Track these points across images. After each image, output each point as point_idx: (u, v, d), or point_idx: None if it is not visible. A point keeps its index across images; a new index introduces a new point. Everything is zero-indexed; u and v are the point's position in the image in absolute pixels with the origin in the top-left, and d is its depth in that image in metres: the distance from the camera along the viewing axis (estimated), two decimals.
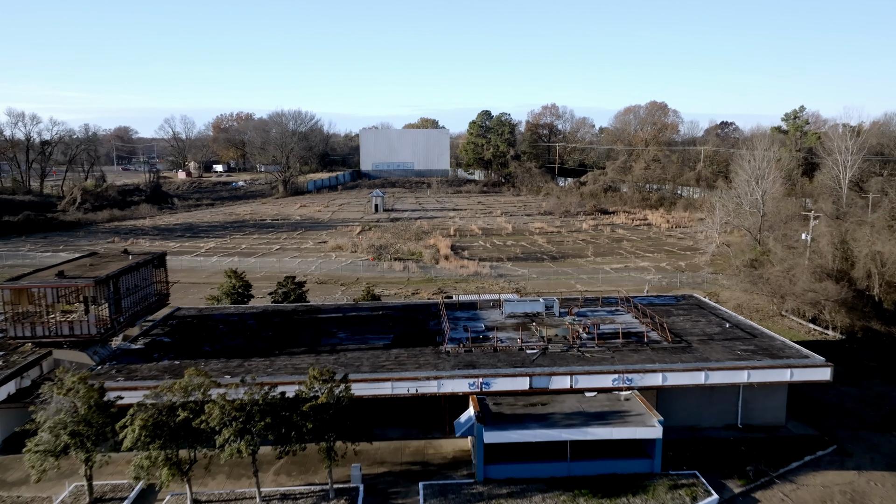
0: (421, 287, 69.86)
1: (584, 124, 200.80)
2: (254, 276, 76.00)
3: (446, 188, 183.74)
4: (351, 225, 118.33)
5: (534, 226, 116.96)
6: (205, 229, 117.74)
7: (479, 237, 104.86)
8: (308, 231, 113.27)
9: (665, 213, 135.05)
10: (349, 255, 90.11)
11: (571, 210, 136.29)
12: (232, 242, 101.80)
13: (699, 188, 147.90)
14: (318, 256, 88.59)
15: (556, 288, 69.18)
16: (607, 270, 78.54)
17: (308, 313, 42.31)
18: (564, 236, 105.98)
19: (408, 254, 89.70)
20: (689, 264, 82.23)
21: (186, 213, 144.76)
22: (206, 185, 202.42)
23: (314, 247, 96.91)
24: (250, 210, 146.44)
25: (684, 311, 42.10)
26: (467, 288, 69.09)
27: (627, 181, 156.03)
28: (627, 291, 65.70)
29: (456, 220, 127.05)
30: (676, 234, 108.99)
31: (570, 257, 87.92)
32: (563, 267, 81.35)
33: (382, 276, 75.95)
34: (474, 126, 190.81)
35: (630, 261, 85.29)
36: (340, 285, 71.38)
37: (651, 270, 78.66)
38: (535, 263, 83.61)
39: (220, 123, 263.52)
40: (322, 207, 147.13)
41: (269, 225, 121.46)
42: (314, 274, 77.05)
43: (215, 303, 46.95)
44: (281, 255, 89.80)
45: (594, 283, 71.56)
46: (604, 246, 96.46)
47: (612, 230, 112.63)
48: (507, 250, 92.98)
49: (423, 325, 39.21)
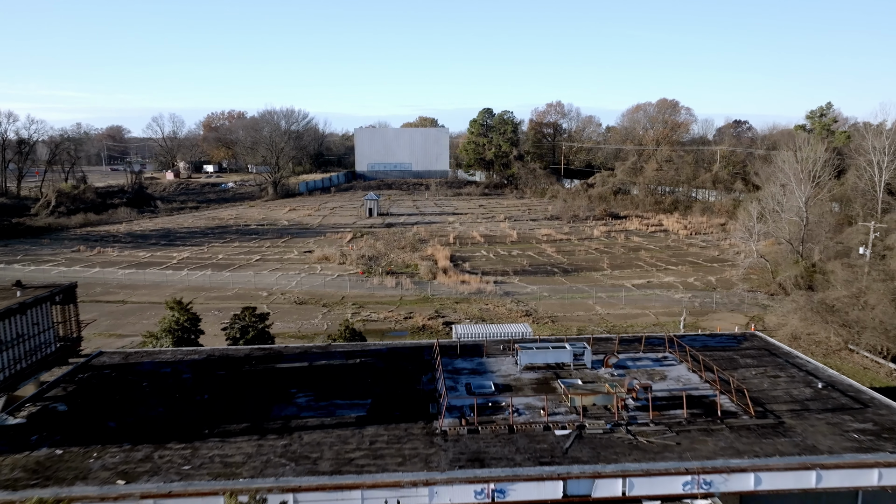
0: (415, 308, 60.19)
1: (591, 123, 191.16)
2: (224, 293, 66.39)
3: (445, 190, 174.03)
4: (342, 231, 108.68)
5: (540, 232, 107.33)
6: (183, 236, 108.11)
7: (481, 246, 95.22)
8: (294, 238, 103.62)
9: (681, 217, 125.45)
10: (336, 267, 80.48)
11: (580, 214, 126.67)
12: (209, 252, 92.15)
13: (715, 191, 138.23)
14: (302, 269, 78.93)
15: (573, 311, 59.47)
16: (629, 287, 68.86)
17: (264, 361, 32.65)
18: (575, 245, 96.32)
19: (402, 266, 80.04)
20: (721, 280, 72.54)
21: (167, 217, 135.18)
22: (194, 186, 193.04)
23: (298, 257, 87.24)
24: (236, 214, 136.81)
25: (753, 360, 32.43)
26: (469, 310, 59.44)
27: (639, 183, 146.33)
28: (658, 316, 56.08)
29: (456, 225, 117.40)
30: (697, 242, 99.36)
31: (583, 270, 78.26)
32: (577, 282, 71.67)
33: (372, 294, 66.29)
34: (475, 125, 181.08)
35: (652, 275, 75.63)
36: (322, 306, 61.71)
37: (678, 287, 68.99)
38: (545, 278, 73.96)
39: (210, 122, 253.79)
40: (312, 211, 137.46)
41: (253, 231, 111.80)
42: (294, 292, 67.39)
43: (153, 342, 37.29)
44: (260, 268, 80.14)
45: (616, 303, 61.90)
46: (620, 257, 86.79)
47: (626, 237, 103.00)
48: (512, 262, 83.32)
49: (413, 383, 29.58)
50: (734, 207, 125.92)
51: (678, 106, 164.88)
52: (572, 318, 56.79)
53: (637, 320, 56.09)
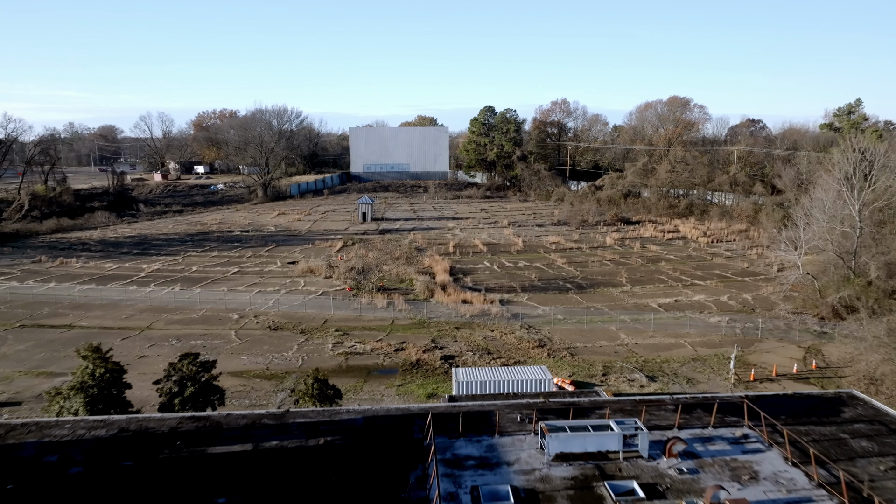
0: (409, 336, 51.32)
1: (598, 122, 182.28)
2: (189, 316, 57.46)
3: (445, 193, 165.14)
4: (332, 239, 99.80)
5: (548, 240, 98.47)
6: (158, 244, 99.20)
7: (483, 256, 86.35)
8: (279, 247, 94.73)
9: (697, 223, 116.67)
10: (322, 282, 71.62)
11: (590, 220, 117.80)
12: (183, 263, 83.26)
13: (733, 194, 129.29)
14: (283, 285, 70.07)
15: (594, 339, 50.58)
16: (655, 308, 60.00)
17: (194, 441, 23.78)
18: (587, 255, 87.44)
19: (396, 281, 71.20)
20: (758, 298, 63.65)
21: (148, 223, 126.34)
22: (182, 188, 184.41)
23: (281, 269, 78.35)
24: (220, 218, 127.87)
25: (868, 440, 23.54)
26: (472, 339, 50.55)
27: (650, 186, 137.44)
28: (696, 347, 47.13)
29: (456, 231, 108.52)
30: (721, 251, 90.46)
31: (599, 286, 69.40)
32: (594, 301, 62.78)
33: (359, 317, 57.38)
34: (476, 123, 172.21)
35: (678, 291, 66.76)
36: (300, 332, 52.80)
37: (712, 308, 60.10)
38: (557, 296, 65.08)
39: (201, 121, 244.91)
40: (302, 216, 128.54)
41: (235, 238, 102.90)
42: (269, 314, 58.49)
43: (60, 403, 28.34)
44: (236, 283, 71.26)
45: (643, 329, 53.00)
46: (639, 269, 77.92)
47: (642, 246, 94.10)
48: (519, 275, 74.46)
49: (396, 484, 20.70)
50: (755, 212, 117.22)
51: (691, 104, 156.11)
52: (594, 350, 47.91)
53: (672, 353, 47.22)
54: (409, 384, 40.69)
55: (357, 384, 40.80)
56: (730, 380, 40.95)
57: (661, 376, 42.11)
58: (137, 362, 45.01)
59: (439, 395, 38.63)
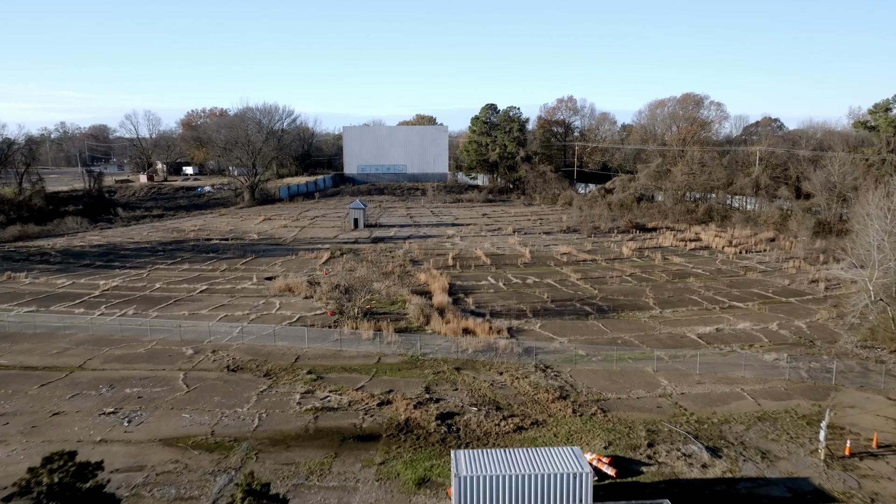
0: (398, 381, 41.44)
1: (606, 120, 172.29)
2: (135, 350, 47.48)
3: (444, 196, 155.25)
4: (318, 249, 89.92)
5: (558, 250, 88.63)
6: (126, 254, 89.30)
7: (487, 270, 76.46)
8: (259, 258, 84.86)
9: (719, 230, 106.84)
10: (301, 303, 61.75)
11: (601, 226, 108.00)
12: (147, 278, 73.39)
13: (756, 198, 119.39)
14: (255, 307, 60.16)
15: (628, 386, 40.62)
16: (694, 340, 50.12)
17: None
18: (604, 268, 77.58)
19: (386, 302, 61.35)
20: (814, 326, 53.71)
21: (122, 229, 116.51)
22: (167, 190, 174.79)
23: (256, 287, 68.48)
24: (200, 224, 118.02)
25: None
26: (476, 385, 40.67)
27: (665, 189, 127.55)
28: (758, 399, 36.93)
29: (455, 240, 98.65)
30: (753, 263, 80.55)
31: (624, 308, 59.52)
32: (620, 330, 52.88)
33: (339, 353, 47.46)
34: (477, 122, 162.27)
35: (716, 316, 56.86)
36: (265, 375, 42.90)
37: (762, 340, 50.17)
38: (575, 322, 55.18)
39: (190, 120, 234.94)
40: (289, 221, 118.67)
41: (212, 248, 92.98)
42: (231, 348, 48.59)
43: None
44: (201, 304, 61.35)
45: (687, 371, 43.10)
46: (665, 287, 68.02)
47: (663, 257, 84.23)
48: (529, 295, 64.59)
49: None
50: (783, 219, 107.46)
51: (708, 101, 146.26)
52: (631, 403, 37.97)
53: (730, 408, 37.31)
54: (393, 461, 30.80)
55: (325, 460, 30.92)
56: (819, 455, 31.08)
57: (724, 448, 32.22)
58: (46, 424, 35.15)
59: (433, 479, 28.79)
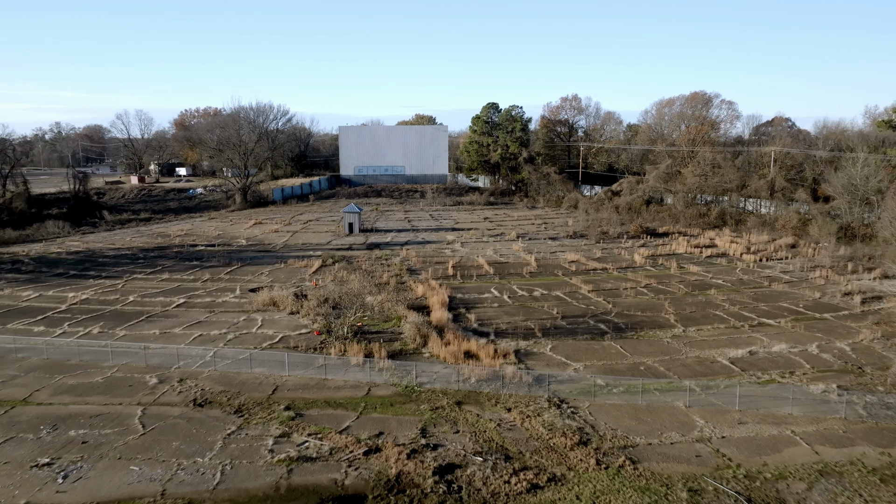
0: (388, 421, 35.61)
1: (611, 120, 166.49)
2: (91, 379, 41.35)
3: (444, 198, 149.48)
4: (309, 256, 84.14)
5: (566, 258, 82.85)
6: (104, 262, 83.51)
7: (490, 280, 70.64)
8: (246, 266, 79.09)
9: (734, 235, 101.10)
10: (285, 319, 55.93)
11: (610, 231, 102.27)
12: (122, 289, 67.62)
13: (772, 201, 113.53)
14: (234, 325, 54.33)
15: (658, 427, 34.72)
16: (728, 365, 44.27)
17: None
18: (616, 278, 71.78)
19: (380, 319, 55.54)
20: (858, 348, 47.86)
21: (105, 234, 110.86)
22: (158, 192, 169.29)
23: (238, 301, 62.64)
24: (188, 229, 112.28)
25: None
26: (480, 426, 34.83)
27: (676, 191, 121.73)
28: (812, 443, 30.85)
29: (456, 246, 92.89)
30: (776, 273, 74.72)
31: (643, 326, 53.67)
32: (641, 353, 47.04)
33: (323, 383, 41.61)
34: (478, 122, 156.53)
35: (747, 336, 51.02)
36: (236, 413, 37.05)
37: (803, 366, 44.32)
38: (590, 343, 49.34)
39: (183, 120, 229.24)
40: (281, 226, 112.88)
41: (196, 255, 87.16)
42: (202, 376, 42.76)
43: None
44: (176, 320, 55.49)
45: (724, 407, 37.22)
46: (685, 300, 62.20)
47: (679, 266, 78.46)
48: (537, 309, 58.75)
49: None
50: (802, 223, 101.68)
51: (719, 100, 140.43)
52: (665, 452, 32.10)
53: (782, 457, 31.45)
54: None
55: None
56: None
57: None
58: None
59: None
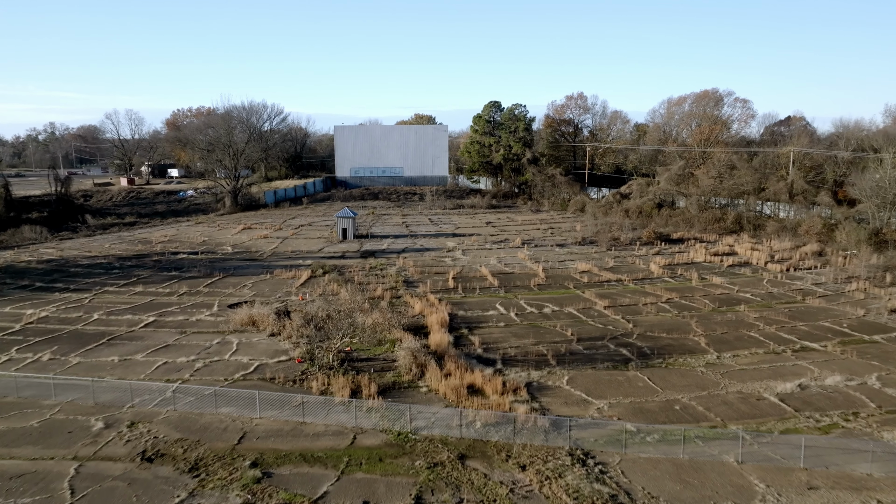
0: (375, 484, 28.99)
1: (618, 119, 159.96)
2: (27, 421, 34.45)
3: (444, 201, 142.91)
4: (298, 266, 77.59)
5: (576, 267, 76.30)
6: (75, 272, 76.94)
7: (494, 293, 64.02)
8: (229, 277, 72.54)
9: (753, 241, 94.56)
10: (264, 342, 49.35)
11: (621, 238, 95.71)
12: (89, 304, 61.05)
13: (791, 205, 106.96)
14: (205, 350, 47.74)
15: (710, 494, 28.02)
16: (777, 404, 37.62)
17: None
18: (633, 291, 65.20)
19: (371, 341, 48.96)
20: None
21: (85, 239, 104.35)
22: (147, 194, 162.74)
23: (213, 320, 56.02)
24: (172, 234, 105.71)
25: None
26: (489, 491, 28.20)
27: (689, 194, 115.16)
28: None
29: (457, 254, 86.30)
30: (808, 285, 68.11)
31: (671, 352, 47.08)
32: (673, 387, 40.40)
33: (300, 427, 35.00)
34: (480, 121, 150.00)
35: (792, 364, 44.43)
36: (190, 472, 30.42)
37: (868, 406, 37.71)
38: (612, 373, 42.73)
39: (176, 120, 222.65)
40: (271, 231, 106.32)
41: (176, 264, 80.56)
42: (158, 417, 36.18)
43: None
44: (142, 342, 48.89)
45: (786, 464, 30.63)
46: (714, 319, 55.58)
47: (700, 277, 71.89)
48: (549, 330, 52.16)
49: None
50: (828, 229, 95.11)
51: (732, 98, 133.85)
52: None
53: None
54: None
55: None
56: None
57: None
58: None
59: None
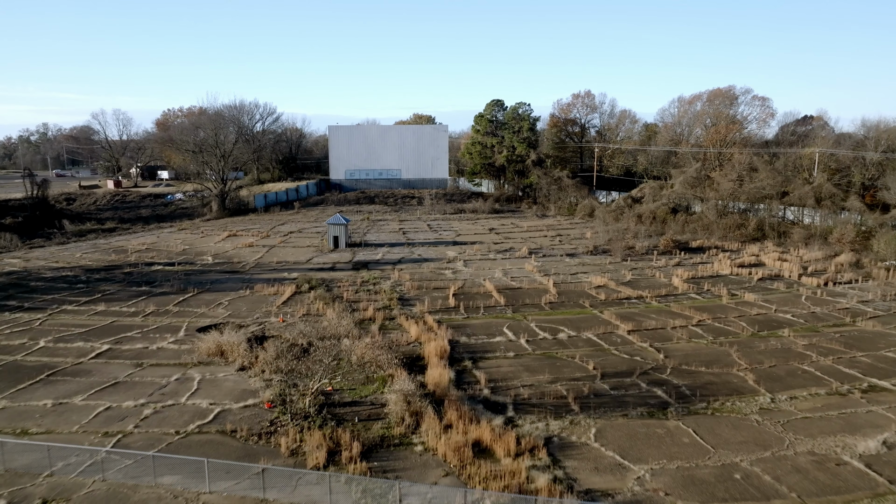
0: None
1: (626, 118, 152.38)
2: None
3: (444, 205, 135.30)
4: (282, 280, 70.01)
5: (590, 281, 68.73)
6: (35, 287, 69.29)
7: (501, 313, 56.35)
8: (204, 293, 64.94)
9: (779, 249, 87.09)
10: (232, 379, 41.70)
11: (636, 247, 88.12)
12: (37, 328, 53.38)
13: (818, 210, 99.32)
14: (160, 388, 40.05)
15: None
16: (862, 470, 29.99)
17: None
18: (658, 311, 57.51)
19: (358, 379, 41.28)
20: None
21: (57, 247, 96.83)
22: (133, 198, 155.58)
23: (177, 348, 48.33)
24: (151, 242, 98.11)
25: None
26: None
27: (707, 198, 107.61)
28: None
29: (458, 265, 78.69)
30: (852, 302, 60.47)
31: (714, 393, 39.42)
32: (727, 447, 32.72)
33: None
34: (482, 121, 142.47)
35: (865, 409, 36.79)
36: None
37: None
38: (649, 426, 35.06)
39: (167, 120, 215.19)
40: (258, 238, 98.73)
41: (148, 278, 72.93)
42: (83, 488, 28.39)
43: None
44: (80, 385, 41.20)
45: None
46: (756, 347, 47.90)
47: (730, 293, 64.27)
48: (566, 363, 44.49)
49: None
50: (863, 237, 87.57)
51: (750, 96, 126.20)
52: None
53: None
54: None
55: None
56: None
57: None
58: None
59: None
